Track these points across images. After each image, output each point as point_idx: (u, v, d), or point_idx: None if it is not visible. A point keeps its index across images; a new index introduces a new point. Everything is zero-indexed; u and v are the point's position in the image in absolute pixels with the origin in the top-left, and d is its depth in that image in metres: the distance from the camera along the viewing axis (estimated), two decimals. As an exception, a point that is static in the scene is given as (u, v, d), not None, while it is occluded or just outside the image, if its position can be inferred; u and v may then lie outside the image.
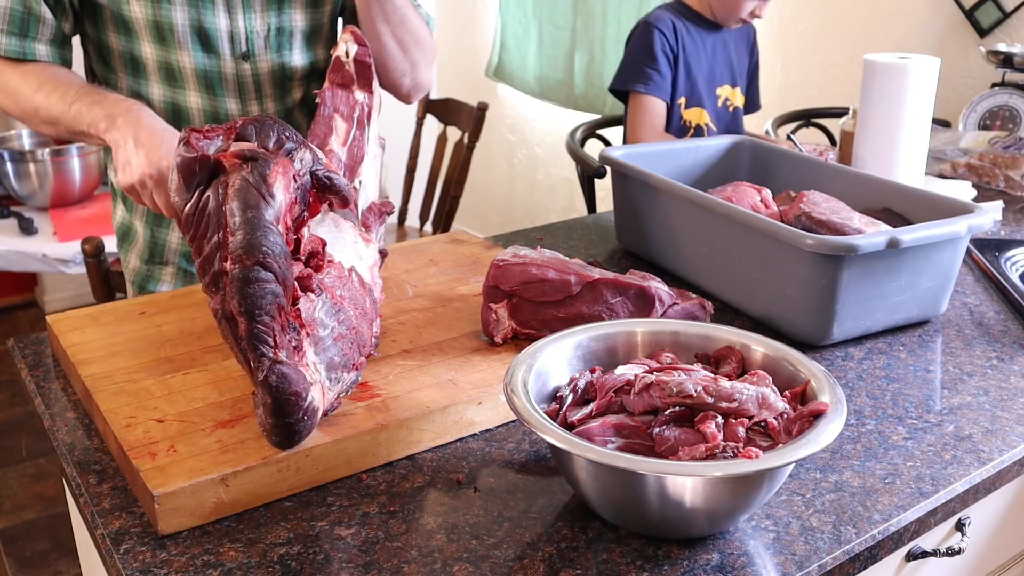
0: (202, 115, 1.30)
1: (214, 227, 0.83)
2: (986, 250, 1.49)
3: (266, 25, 1.29)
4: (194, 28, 1.24)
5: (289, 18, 1.30)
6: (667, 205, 1.37)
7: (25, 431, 2.89)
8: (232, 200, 0.82)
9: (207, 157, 0.85)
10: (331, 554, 0.78)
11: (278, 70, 1.33)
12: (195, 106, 1.29)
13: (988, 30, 2.40)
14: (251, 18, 1.27)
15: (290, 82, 1.35)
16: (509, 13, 3.83)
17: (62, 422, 0.99)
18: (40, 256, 2.42)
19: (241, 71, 1.29)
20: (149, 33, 1.24)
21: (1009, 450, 0.96)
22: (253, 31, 1.28)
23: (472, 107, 2.94)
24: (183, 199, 0.85)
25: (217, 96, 1.30)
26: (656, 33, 2.19)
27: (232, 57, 1.28)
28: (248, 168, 0.84)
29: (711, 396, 0.80)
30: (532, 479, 0.89)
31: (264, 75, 1.32)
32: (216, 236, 0.82)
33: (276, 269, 0.81)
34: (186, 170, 0.84)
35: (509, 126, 4.07)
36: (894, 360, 1.15)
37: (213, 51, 1.27)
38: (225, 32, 1.26)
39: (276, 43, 1.31)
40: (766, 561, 0.79)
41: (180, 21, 1.23)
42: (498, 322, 1.09)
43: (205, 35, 1.25)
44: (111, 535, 0.80)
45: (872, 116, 1.58)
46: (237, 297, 0.79)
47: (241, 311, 0.79)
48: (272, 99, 1.34)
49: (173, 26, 1.23)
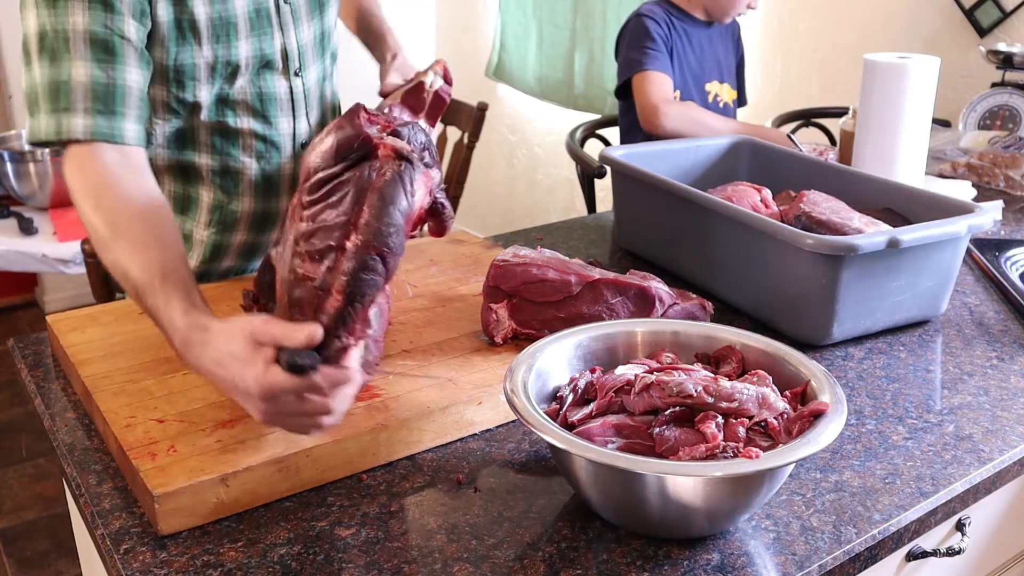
0: (254, 139, 1.22)
1: (351, 202, 0.84)
2: (986, 250, 1.49)
3: (312, 35, 1.24)
4: (257, 58, 1.17)
5: (328, 21, 1.27)
6: (667, 205, 1.37)
7: (25, 431, 2.89)
8: (383, 188, 0.84)
9: (369, 139, 0.86)
10: (331, 554, 0.78)
11: (320, 76, 1.29)
12: (245, 128, 1.21)
13: (988, 30, 2.40)
14: (300, 31, 1.22)
15: (327, 82, 1.33)
16: (509, 13, 3.83)
17: (62, 422, 0.99)
18: (40, 256, 2.42)
19: (294, 88, 1.24)
20: (211, 72, 1.13)
21: (1009, 450, 0.96)
22: (303, 44, 1.23)
23: (472, 107, 2.94)
24: (325, 163, 0.87)
25: (269, 117, 1.22)
26: (650, 21, 2.23)
27: (287, 75, 1.22)
28: (401, 166, 0.86)
29: (711, 396, 0.80)
30: (532, 479, 0.89)
31: (312, 87, 1.27)
32: (348, 211, 0.83)
33: (390, 267, 0.83)
34: (345, 143, 0.87)
35: (509, 126, 4.07)
36: (894, 360, 1.15)
37: (270, 71, 1.20)
38: (280, 52, 1.20)
39: (320, 49, 1.27)
40: (766, 561, 0.79)
41: (244, 55, 1.15)
42: (498, 322, 1.09)
43: (267, 63, 1.19)
44: (111, 535, 0.80)
45: (872, 116, 1.58)
46: (347, 277, 0.80)
47: (345, 290, 0.80)
48: (317, 109, 1.29)
49: (236, 60, 1.15)
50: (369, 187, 0.84)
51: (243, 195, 1.26)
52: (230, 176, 1.24)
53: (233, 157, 1.22)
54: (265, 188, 1.26)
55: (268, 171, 1.25)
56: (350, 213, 0.83)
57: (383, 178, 0.84)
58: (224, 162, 1.23)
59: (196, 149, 1.21)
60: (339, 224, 0.83)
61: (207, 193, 1.25)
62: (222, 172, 1.23)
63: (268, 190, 1.27)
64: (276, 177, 1.26)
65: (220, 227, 1.27)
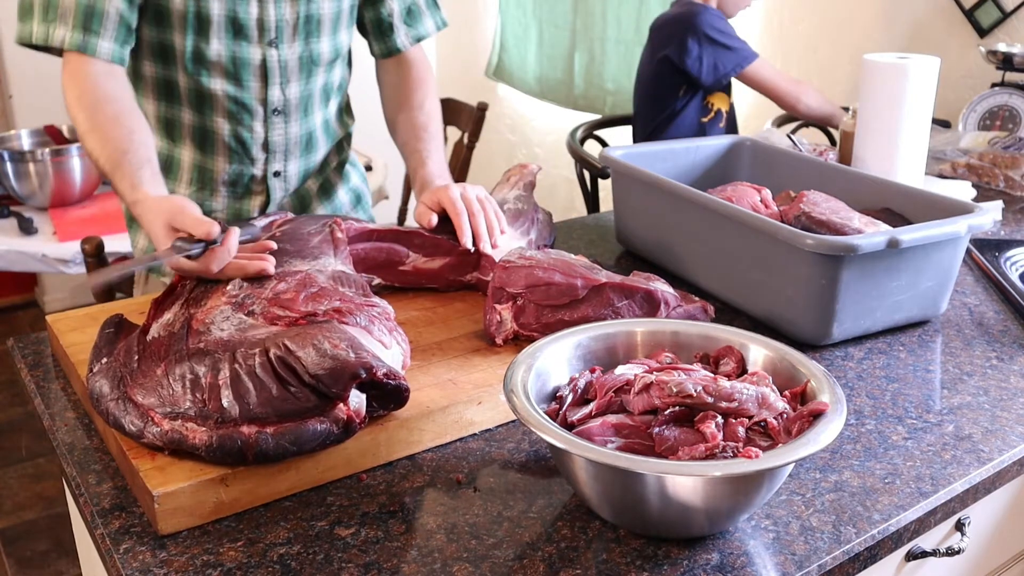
0: (226, 99, 1.32)
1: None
2: (986, 250, 1.49)
3: (295, 14, 1.31)
4: (229, 19, 1.27)
5: (317, 6, 1.33)
6: (667, 205, 1.37)
7: (25, 431, 2.89)
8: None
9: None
10: (331, 554, 0.78)
11: (305, 56, 1.35)
12: (219, 90, 1.31)
13: (988, 30, 2.40)
14: (281, 7, 1.29)
15: (315, 67, 1.37)
16: (509, 13, 3.83)
17: (62, 422, 0.99)
18: (40, 256, 2.41)
19: (268, 57, 1.32)
20: (184, 23, 1.26)
21: (1009, 450, 0.96)
22: (283, 19, 1.30)
23: (472, 107, 2.94)
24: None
25: (242, 81, 1.32)
26: (716, 12, 2.30)
27: (260, 44, 1.30)
28: None
29: (711, 396, 0.80)
30: (532, 479, 0.89)
31: (291, 61, 1.34)
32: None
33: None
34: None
35: (509, 126, 4.07)
36: (894, 360, 1.15)
37: (244, 38, 1.29)
38: (255, 20, 1.29)
39: (304, 31, 1.33)
40: (766, 561, 0.79)
41: (216, 12, 1.26)
42: (501, 323, 1.08)
43: (239, 25, 1.28)
44: (111, 535, 0.80)
45: (872, 116, 1.58)
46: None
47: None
48: (296, 83, 1.36)
49: (210, 16, 1.26)
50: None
51: (217, 155, 1.37)
52: (206, 136, 1.35)
53: (208, 116, 1.34)
54: (239, 150, 1.37)
55: (240, 133, 1.36)
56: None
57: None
58: (202, 121, 1.34)
59: (180, 104, 1.34)
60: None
61: (188, 153, 1.37)
62: (200, 131, 1.35)
63: (242, 152, 1.37)
64: (248, 140, 1.36)
65: (198, 187, 1.39)
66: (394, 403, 0.90)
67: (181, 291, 1.02)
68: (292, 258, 1.05)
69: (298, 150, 1.41)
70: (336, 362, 0.83)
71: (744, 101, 2.92)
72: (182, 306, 0.97)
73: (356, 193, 1.58)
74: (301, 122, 1.40)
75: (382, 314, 0.96)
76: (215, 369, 0.85)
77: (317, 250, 1.08)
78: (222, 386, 0.83)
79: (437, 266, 1.23)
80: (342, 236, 1.12)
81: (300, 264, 1.04)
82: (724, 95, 2.41)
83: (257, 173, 1.39)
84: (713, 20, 2.26)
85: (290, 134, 1.39)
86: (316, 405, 0.83)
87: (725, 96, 2.41)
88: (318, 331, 0.87)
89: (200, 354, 0.87)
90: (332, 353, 0.84)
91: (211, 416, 0.82)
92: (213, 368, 0.85)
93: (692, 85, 2.33)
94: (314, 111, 1.41)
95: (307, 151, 1.43)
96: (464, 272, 1.24)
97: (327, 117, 1.45)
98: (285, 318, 0.93)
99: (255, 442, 0.81)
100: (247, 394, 0.83)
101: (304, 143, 1.42)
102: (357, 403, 0.86)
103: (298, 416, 0.82)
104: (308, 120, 1.41)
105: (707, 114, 2.38)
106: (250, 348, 0.86)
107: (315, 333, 0.87)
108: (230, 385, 0.83)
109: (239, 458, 0.81)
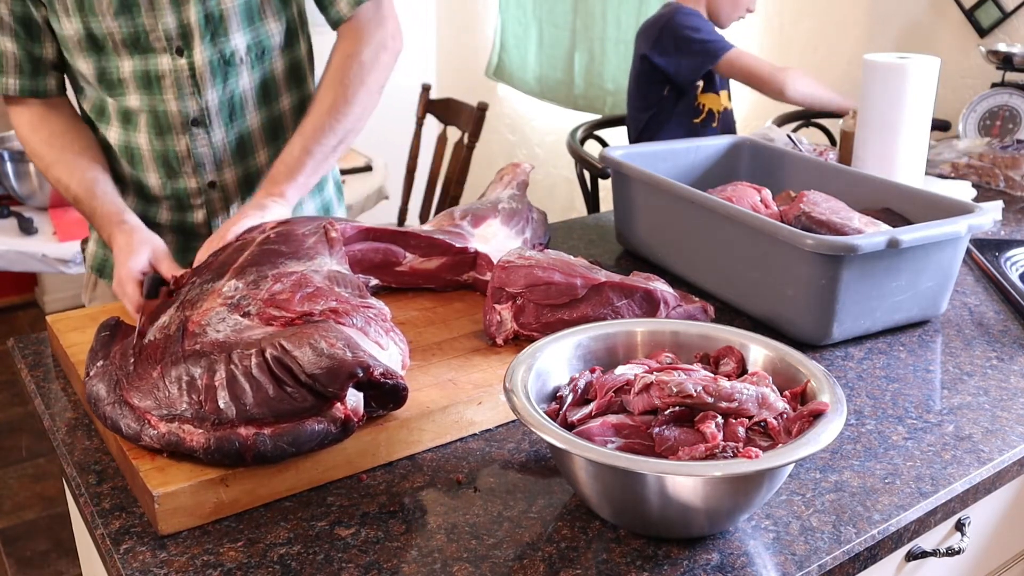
0: (145, 115, 1.28)
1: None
2: (986, 250, 1.49)
3: (194, 16, 1.24)
4: (128, 34, 1.22)
5: (216, 2, 1.25)
6: (667, 205, 1.37)
7: (25, 431, 2.89)
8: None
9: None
10: (331, 554, 0.78)
11: (216, 60, 1.27)
12: (137, 107, 1.28)
13: (988, 30, 2.40)
14: (179, 12, 1.23)
15: (232, 68, 1.29)
16: (509, 13, 3.83)
17: (62, 422, 0.99)
18: (40, 256, 2.41)
19: (177, 67, 1.26)
20: (83, 47, 1.24)
21: (1009, 450, 0.96)
22: (183, 25, 1.24)
23: (472, 107, 2.94)
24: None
25: (156, 95, 1.27)
26: (692, 11, 2.30)
27: (168, 54, 1.25)
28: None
29: (711, 396, 0.80)
30: (532, 479, 0.89)
31: (201, 67, 1.27)
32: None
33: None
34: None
35: (509, 126, 4.07)
36: (894, 360, 1.15)
37: (149, 51, 1.24)
38: (153, 32, 1.23)
39: (208, 32, 1.25)
40: (766, 561, 0.79)
41: (113, 29, 1.21)
42: (501, 323, 1.08)
43: (137, 39, 1.23)
44: (111, 535, 0.80)
45: (872, 116, 1.58)
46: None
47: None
48: (212, 89, 1.29)
49: (106, 36, 1.22)
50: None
51: (148, 171, 1.34)
52: (133, 154, 1.33)
53: (131, 135, 1.31)
54: (165, 165, 1.33)
55: (163, 148, 1.31)
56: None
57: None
58: (127, 139, 1.32)
59: (109, 124, 1.33)
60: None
61: (125, 170, 1.36)
62: (127, 149, 1.33)
63: (169, 167, 1.33)
64: (171, 154, 1.32)
65: (144, 202, 1.38)
66: (393, 403, 0.90)
67: (177, 294, 1.02)
68: (287, 259, 1.04)
69: (231, 158, 1.34)
70: (333, 361, 0.83)
71: (744, 101, 2.92)
72: (178, 308, 0.97)
73: (325, 206, 1.49)
74: (227, 129, 1.32)
75: (378, 315, 0.96)
76: (211, 370, 0.85)
77: (312, 251, 1.07)
78: (218, 387, 0.83)
79: (434, 266, 1.23)
80: (337, 236, 1.12)
81: (295, 265, 1.03)
82: (716, 96, 2.39)
83: (192, 186, 1.33)
84: (685, 19, 2.26)
85: (215, 143, 1.31)
86: (313, 405, 0.83)
87: (717, 97, 2.40)
88: (314, 331, 0.87)
89: (196, 356, 0.87)
90: (329, 352, 0.84)
91: (208, 418, 0.82)
92: (209, 369, 0.85)
93: (676, 86, 2.33)
94: (245, 114, 1.33)
95: (242, 158, 1.35)
96: (461, 272, 1.24)
97: (272, 116, 1.36)
98: (281, 319, 0.92)
99: (253, 444, 0.81)
100: (243, 395, 0.83)
101: (234, 150, 1.33)
102: (354, 402, 0.85)
103: (295, 416, 0.82)
104: (237, 125, 1.33)
105: (698, 115, 2.38)
106: (246, 349, 0.86)
107: (311, 333, 0.86)
108: (226, 386, 0.83)
109: (237, 460, 0.81)
